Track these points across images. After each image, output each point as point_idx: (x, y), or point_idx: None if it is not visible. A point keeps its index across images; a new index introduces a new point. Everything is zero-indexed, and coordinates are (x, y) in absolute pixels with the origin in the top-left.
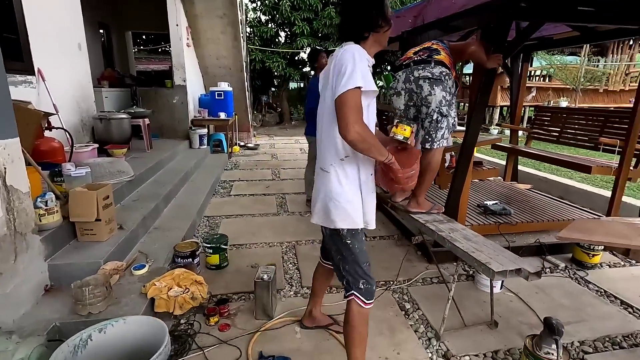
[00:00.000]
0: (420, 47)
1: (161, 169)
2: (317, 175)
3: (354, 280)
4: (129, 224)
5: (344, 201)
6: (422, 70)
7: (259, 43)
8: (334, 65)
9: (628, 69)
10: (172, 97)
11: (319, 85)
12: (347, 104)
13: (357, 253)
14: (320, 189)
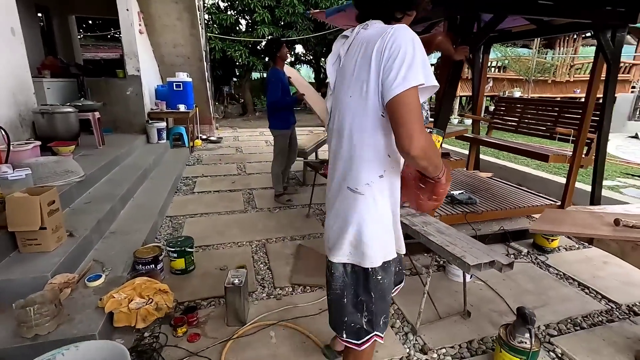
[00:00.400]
0: None
1: (116, 166)
2: (342, 198)
3: (376, 320)
4: (81, 230)
5: (382, 229)
6: None
7: (218, 31)
8: (376, 50)
9: (572, 61)
10: (125, 88)
11: (330, 76)
12: (408, 107)
13: (385, 287)
14: (349, 216)
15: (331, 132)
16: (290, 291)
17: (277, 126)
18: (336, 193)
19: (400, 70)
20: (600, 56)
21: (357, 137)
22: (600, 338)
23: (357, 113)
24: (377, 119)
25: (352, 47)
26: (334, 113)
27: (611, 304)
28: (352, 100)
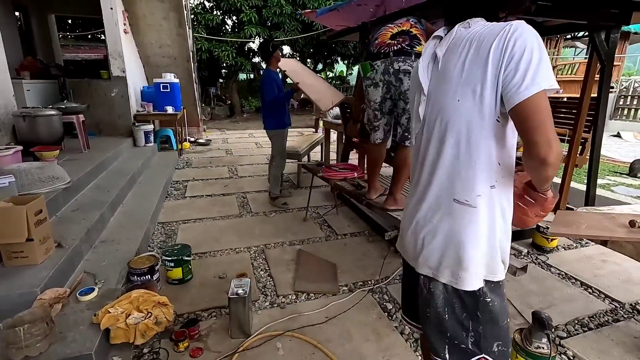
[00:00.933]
0: (397, 27)
1: (103, 171)
2: (445, 212)
3: (485, 343)
4: (70, 240)
5: (494, 246)
6: (403, 63)
7: (204, 31)
8: (494, 49)
9: (555, 62)
10: (109, 89)
11: (423, 80)
12: (545, 111)
13: (496, 311)
14: (456, 231)
15: (425, 140)
16: (294, 299)
17: (272, 126)
18: (435, 207)
19: (528, 70)
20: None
21: (468, 144)
22: (608, 339)
23: (470, 118)
24: (491, 123)
25: (454, 47)
26: (431, 119)
27: (615, 303)
28: (461, 104)
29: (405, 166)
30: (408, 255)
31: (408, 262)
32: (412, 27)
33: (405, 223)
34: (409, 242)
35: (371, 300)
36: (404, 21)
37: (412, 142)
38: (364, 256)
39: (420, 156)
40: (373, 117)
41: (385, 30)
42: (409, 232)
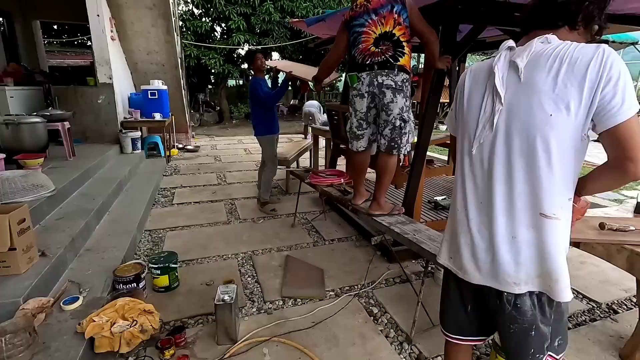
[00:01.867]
0: (380, 25)
1: (88, 179)
2: (529, 225)
3: (552, 343)
4: (54, 249)
5: (566, 254)
6: (386, 77)
7: (192, 38)
8: (591, 70)
9: None
10: (96, 96)
11: (500, 88)
12: (638, 132)
13: (566, 313)
14: (545, 244)
15: (501, 151)
16: (281, 305)
17: (262, 132)
18: (519, 221)
19: (625, 94)
20: None
21: (558, 158)
22: (585, 337)
23: (562, 132)
24: (578, 139)
25: (538, 60)
26: (510, 130)
27: (592, 303)
28: (554, 118)
29: (387, 172)
30: (476, 274)
31: (469, 282)
32: (395, 24)
33: (465, 240)
34: (481, 260)
35: (357, 304)
36: (387, 12)
37: (470, 151)
38: (350, 261)
39: (487, 167)
40: (357, 126)
41: (368, 28)
42: (478, 249)
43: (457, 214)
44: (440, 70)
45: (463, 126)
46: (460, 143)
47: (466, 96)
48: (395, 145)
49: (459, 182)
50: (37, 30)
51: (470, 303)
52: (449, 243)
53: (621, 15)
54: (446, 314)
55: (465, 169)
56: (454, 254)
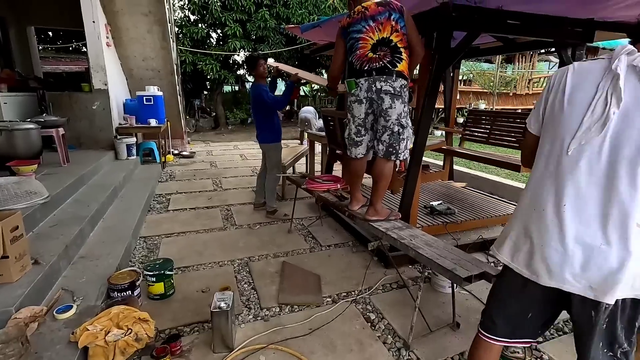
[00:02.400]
0: (377, 31)
1: (83, 185)
2: (630, 234)
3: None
4: (47, 257)
5: None
6: (385, 83)
7: (188, 44)
8: None
9: (531, 75)
10: (91, 102)
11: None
12: None
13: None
14: None
15: (606, 157)
16: (278, 311)
17: (268, 139)
18: (610, 229)
19: None
20: None
21: None
22: None
23: None
24: None
25: None
26: (624, 137)
27: None
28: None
29: (383, 177)
30: (560, 277)
31: (547, 286)
32: (392, 31)
33: (546, 242)
34: (567, 264)
35: (354, 310)
36: (385, 19)
37: (565, 151)
38: (347, 267)
39: (585, 169)
40: (356, 133)
41: (365, 34)
42: (566, 255)
43: (537, 213)
44: (436, 76)
45: (557, 125)
46: (550, 142)
47: (567, 94)
48: (393, 151)
49: (549, 181)
50: (31, 36)
51: (538, 307)
52: (514, 242)
53: (612, 23)
54: (498, 315)
55: (554, 169)
56: (525, 255)
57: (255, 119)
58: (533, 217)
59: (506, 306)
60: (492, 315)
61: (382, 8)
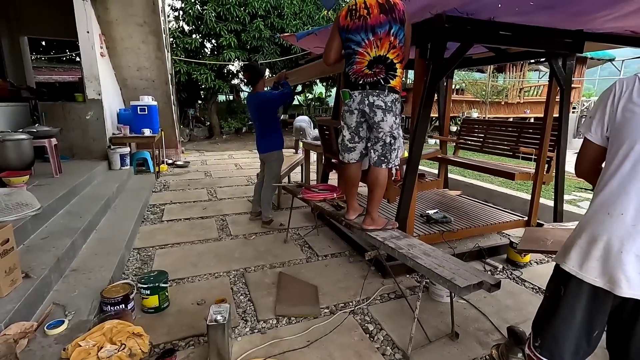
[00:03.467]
0: (375, 47)
1: (75, 196)
2: None
3: None
4: (38, 270)
5: None
6: (377, 98)
7: (183, 54)
8: None
9: (522, 84)
10: (84, 112)
11: None
12: None
13: None
14: None
15: None
16: (275, 324)
17: (273, 147)
18: None
19: None
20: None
21: None
22: None
23: None
24: None
25: None
26: None
27: None
28: None
29: (377, 185)
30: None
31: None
32: (390, 48)
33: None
34: None
35: (353, 321)
36: (384, 35)
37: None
38: (345, 277)
39: None
40: (349, 139)
41: (363, 49)
42: None
43: (613, 219)
44: (430, 86)
45: (634, 129)
46: (628, 146)
47: (636, 94)
48: (385, 159)
49: (629, 185)
50: (24, 46)
51: (601, 325)
52: (584, 250)
53: (599, 34)
54: (557, 336)
55: (634, 172)
56: (597, 263)
57: (258, 127)
58: (607, 223)
59: (568, 325)
60: (549, 334)
61: (384, 17)
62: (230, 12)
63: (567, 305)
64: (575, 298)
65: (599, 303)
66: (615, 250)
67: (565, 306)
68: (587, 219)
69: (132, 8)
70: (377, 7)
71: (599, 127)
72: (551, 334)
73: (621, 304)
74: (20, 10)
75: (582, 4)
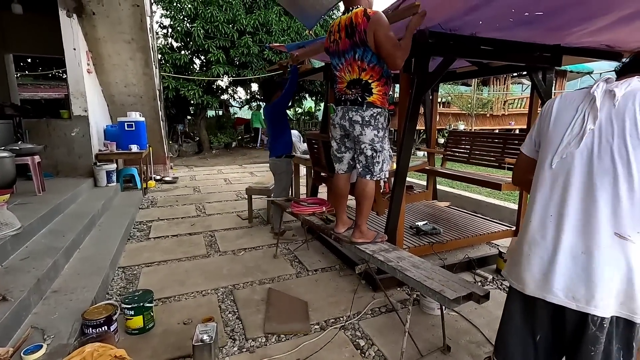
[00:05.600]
0: (348, 72)
1: (58, 215)
2: (620, 247)
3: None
4: (16, 292)
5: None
6: (355, 113)
7: (171, 70)
8: None
9: (505, 97)
10: (70, 129)
11: (592, 108)
12: None
13: None
14: (619, 261)
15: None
16: (264, 342)
17: (282, 150)
18: (586, 238)
19: None
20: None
21: (638, 183)
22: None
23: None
24: None
25: (630, 95)
26: (600, 152)
27: None
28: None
29: (364, 198)
30: (543, 287)
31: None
32: (360, 71)
33: (550, 257)
34: (551, 272)
35: (343, 337)
36: (352, 60)
37: (550, 165)
38: (335, 291)
39: (563, 181)
40: (337, 150)
41: (340, 72)
42: (551, 262)
43: (526, 225)
44: (415, 99)
45: (545, 145)
46: (540, 161)
47: (553, 116)
48: (369, 171)
49: (537, 195)
50: (9, 63)
51: (542, 330)
52: (513, 257)
53: (576, 48)
54: (506, 340)
55: (541, 183)
56: (515, 267)
57: (271, 132)
58: (523, 230)
59: (515, 332)
60: (503, 344)
61: (348, 42)
62: (219, 29)
63: (508, 310)
64: (513, 303)
65: (531, 307)
66: (525, 253)
67: (507, 311)
68: (522, 228)
69: (120, 25)
70: (344, 30)
71: (528, 140)
72: (501, 339)
73: (559, 315)
74: (6, 28)
75: (559, 20)
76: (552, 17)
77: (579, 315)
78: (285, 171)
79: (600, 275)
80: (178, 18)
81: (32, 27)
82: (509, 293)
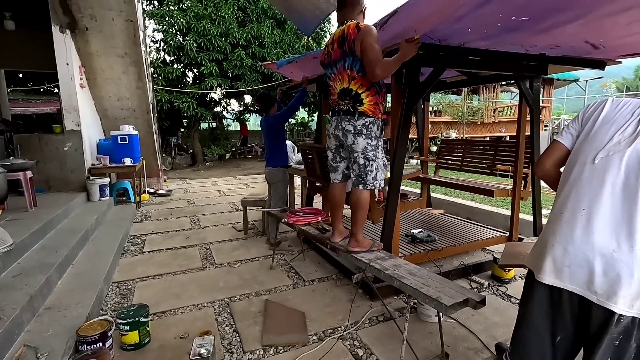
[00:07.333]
0: (339, 81)
1: (51, 230)
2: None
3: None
4: (8, 310)
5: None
6: (347, 123)
7: (164, 83)
8: None
9: (495, 105)
10: (62, 144)
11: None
12: None
13: None
14: None
15: (626, 172)
16: (262, 354)
17: (278, 163)
18: (623, 236)
19: None
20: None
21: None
22: None
23: (621, 174)
24: None
25: None
26: None
27: None
28: (614, 162)
29: (359, 207)
30: (565, 277)
31: (580, 296)
32: (350, 80)
33: (576, 250)
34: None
35: (342, 347)
36: (341, 69)
37: (593, 160)
38: (332, 301)
39: (605, 178)
40: (332, 159)
41: (332, 82)
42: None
43: (555, 217)
44: (407, 109)
45: (588, 139)
46: (582, 155)
47: (603, 115)
48: (362, 180)
49: (573, 189)
50: (0, 79)
51: (564, 331)
52: (539, 252)
53: (561, 58)
54: (524, 341)
55: (579, 178)
56: (539, 256)
57: (267, 145)
58: (551, 222)
59: (533, 333)
60: (519, 346)
61: (339, 52)
62: (212, 43)
63: (529, 309)
64: (535, 302)
65: (556, 305)
66: (549, 244)
67: (527, 311)
68: (548, 222)
69: (114, 40)
70: (337, 41)
71: (567, 132)
72: (518, 339)
73: (585, 314)
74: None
75: (545, 23)
76: (538, 21)
77: (605, 313)
78: (282, 180)
79: (629, 274)
80: (170, 32)
81: (24, 42)
82: (528, 292)
